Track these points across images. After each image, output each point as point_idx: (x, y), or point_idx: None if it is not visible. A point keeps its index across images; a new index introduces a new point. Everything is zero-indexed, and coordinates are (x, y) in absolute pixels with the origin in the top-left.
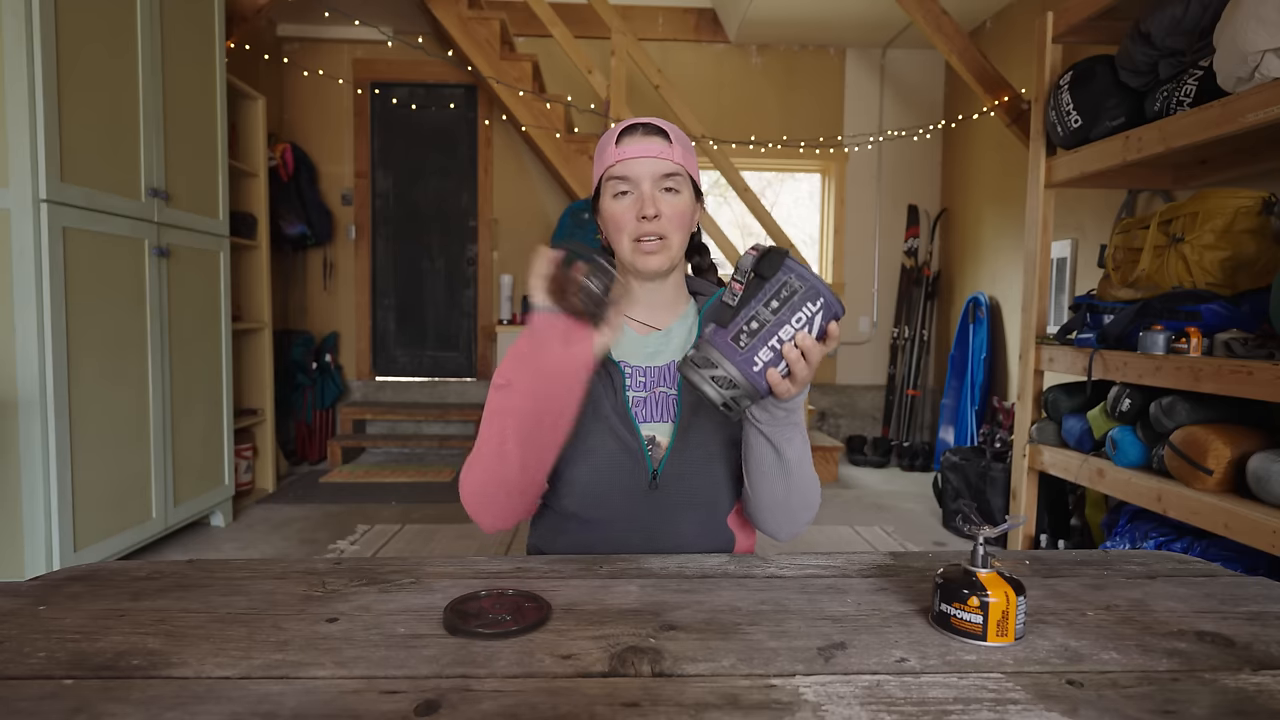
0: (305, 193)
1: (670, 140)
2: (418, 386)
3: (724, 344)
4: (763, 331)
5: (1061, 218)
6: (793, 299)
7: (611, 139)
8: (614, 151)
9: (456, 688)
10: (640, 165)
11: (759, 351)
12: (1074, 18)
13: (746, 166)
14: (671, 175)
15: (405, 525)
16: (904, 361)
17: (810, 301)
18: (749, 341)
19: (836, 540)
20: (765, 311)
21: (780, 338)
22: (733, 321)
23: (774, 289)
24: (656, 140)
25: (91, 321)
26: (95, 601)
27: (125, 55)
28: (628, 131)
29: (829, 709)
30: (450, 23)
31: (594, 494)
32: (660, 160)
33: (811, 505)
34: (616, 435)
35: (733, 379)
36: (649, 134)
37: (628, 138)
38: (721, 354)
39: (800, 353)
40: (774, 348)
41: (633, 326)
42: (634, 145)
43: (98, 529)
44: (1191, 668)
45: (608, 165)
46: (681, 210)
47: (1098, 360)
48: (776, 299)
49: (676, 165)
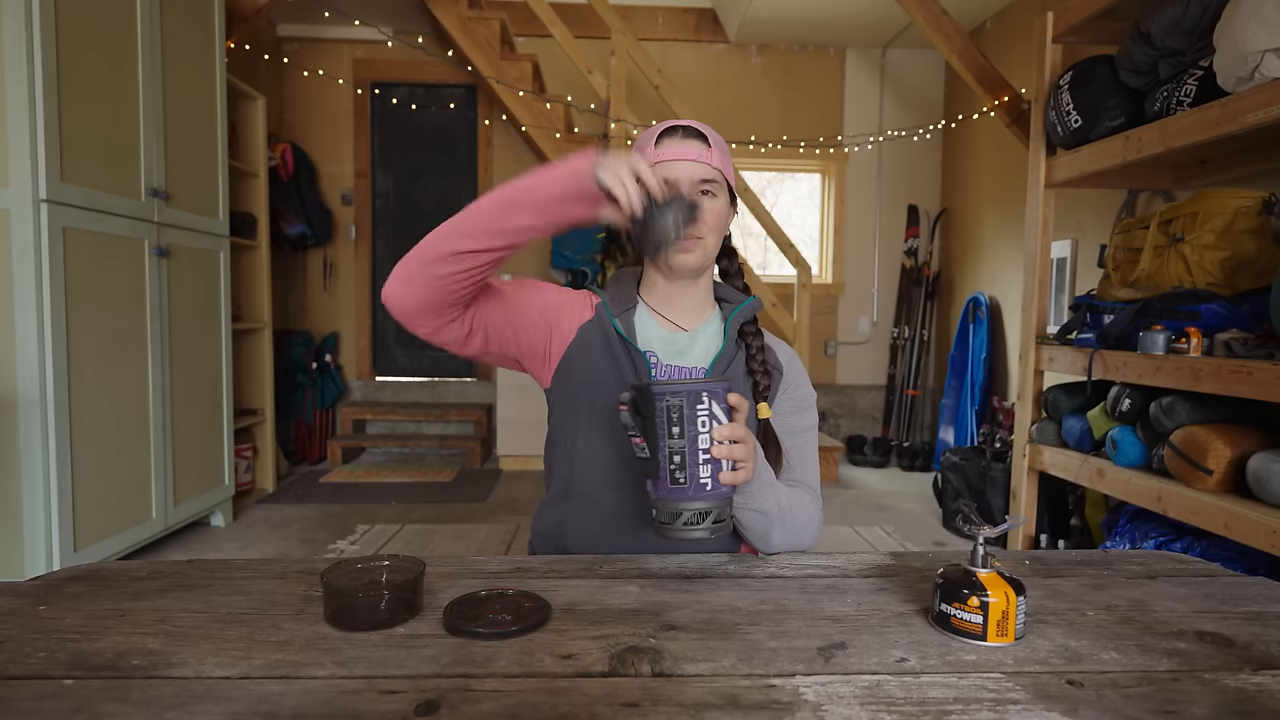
0: (305, 193)
1: (709, 145)
2: (418, 386)
3: (669, 492)
4: (686, 456)
5: (1061, 218)
6: (684, 414)
7: (651, 139)
8: (654, 152)
9: (456, 688)
10: (680, 168)
11: (698, 474)
12: (1074, 18)
13: (746, 166)
14: (710, 181)
15: (405, 525)
16: (904, 361)
17: (697, 404)
18: (684, 474)
19: (836, 540)
20: (675, 440)
21: (702, 449)
22: (659, 469)
23: (664, 418)
24: (696, 144)
25: (92, 321)
26: (95, 601)
27: (125, 55)
28: (668, 133)
29: (829, 709)
30: (450, 23)
31: (611, 473)
32: (699, 164)
33: (804, 537)
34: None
35: (701, 510)
36: (689, 137)
37: (668, 139)
38: (675, 500)
39: (728, 444)
40: (706, 461)
41: (661, 323)
42: (674, 148)
43: (98, 529)
44: (1191, 668)
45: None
46: (718, 213)
47: (1098, 360)
48: (673, 424)
49: (715, 170)
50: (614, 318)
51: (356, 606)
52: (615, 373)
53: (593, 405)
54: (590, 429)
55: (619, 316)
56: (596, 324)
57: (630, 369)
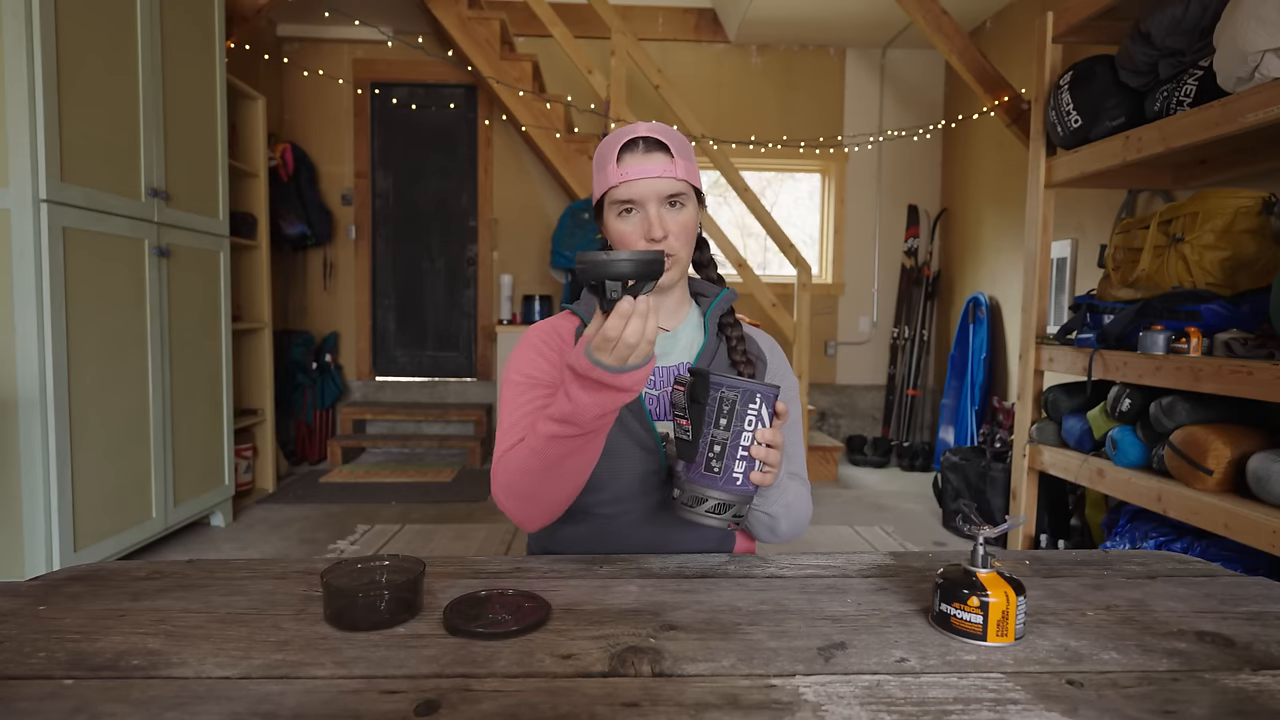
0: (305, 193)
1: (672, 155)
2: (418, 386)
3: (700, 477)
4: (727, 448)
5: (1061, 218)
6: (735, 408)
7: (611, 155)
8: (616, 171)
9: (456, 688)
10: (644, 186)
11: (733, 467)
12: (1074, 18)
13: (746, 166)
14: (677, 195)
15: (405, 525)
16: (904, 361)
17: (749, 403)
18: (720, 464)
19: (836, 540)
20: (719, 431)
21: (743, 445)
22: (697, 453)
23: (715, 408)
24: (659, 158)
25: (91, 321)
26: (95, 601)
27: (125, 55)
28: (628, 148)
29: (829, 709)
30: (450, 23)
31: (609, 488)
32: (664, 180)
33: (800, 529)
34: (631, 432)
35: (725, 502)
36: (650, 150)
37: (628, 155)
38: (704, 486)
39: (766, 446)
40: (744, 457)
41: None
42: (636, 165)
43: (98, 529)
44: (1191, 668)
45: (610, 185)
46: (687, 224)
47: (1098, 360)
48: (723, 415)
49: (681, 182)
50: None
51: (356, 606)
52: None
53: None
54: None
55: None
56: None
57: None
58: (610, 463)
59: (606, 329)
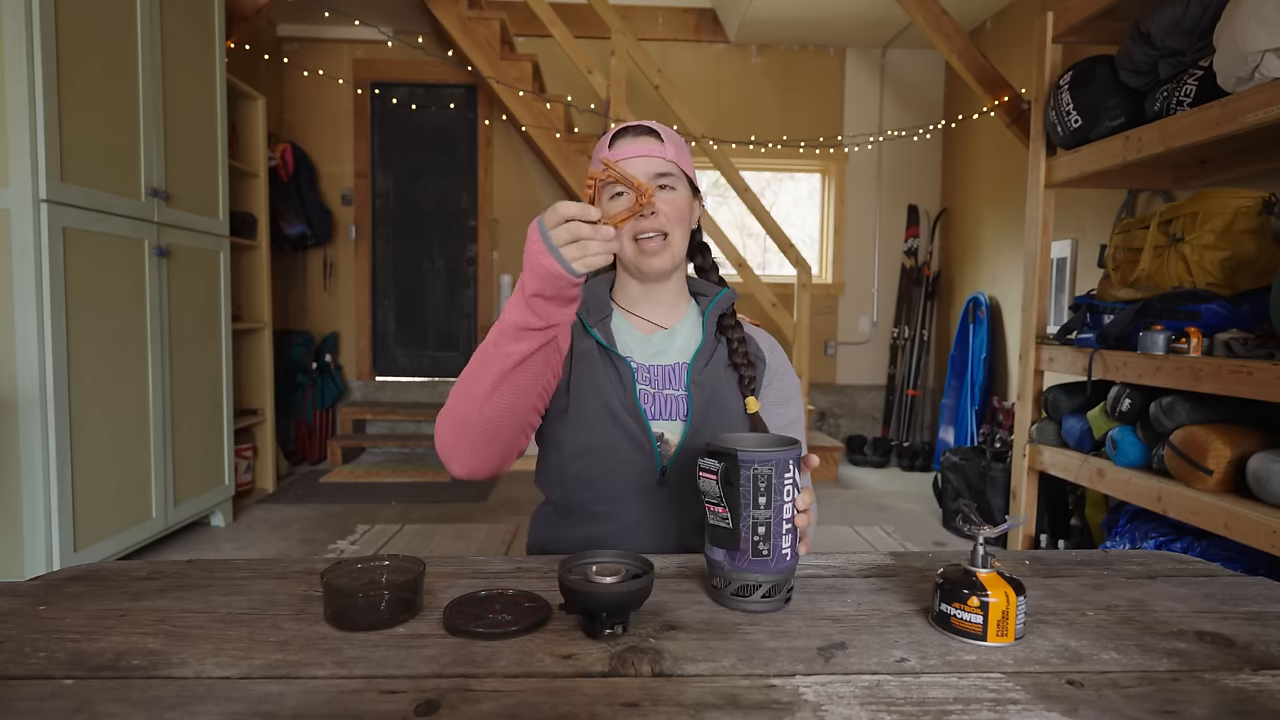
0: (305, 193)
1: (662, 139)
2: (418, 386)
3: (750, 564)
4: (771, 528)
5: (1061, 218)
6: (771, 483)
7: (604, 144)
8: (608, 154)
9: (456, 688)
10: (633, 165)
11: (781, 545)
12: (1074, 18)
13: (746, 166)
14: (665, 174)
15: (405, 525)
16: (904, 361)
17: (785, 471)
18: (768, 544)
19: (836, 540)
20: (760, 511)
21: (785, 519)
22: (740, 540)
23: (750, 487)
24: (648, 140)
25: (91, 321)
26: (95, 601)
27: (125, 55)
28: (619, 135)
29: (829, 709)
30: (450, 23)
31: (603, 489)
32: (652, 159)
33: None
34: (627, 431)
35: (778, 583)
36: (640, 135)
37: (620, 140)
38: (755, 572)
39: (804, 510)
40: (788, 531)
41: (637, 325)
42: (626, 146)
43: (98, 529)
44: (1191, 668)
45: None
46: (679, 205)
47: (1098, 360)
48: (760, 494)
49: (669, 162)
50: (591, 329)
51: (356, 606)
52: (601, 383)
53: (580, 420)
54: (578, 446)
55: (596, 326)
56: (579, 339)
57: (615, 377)
58: (605, 461)
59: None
